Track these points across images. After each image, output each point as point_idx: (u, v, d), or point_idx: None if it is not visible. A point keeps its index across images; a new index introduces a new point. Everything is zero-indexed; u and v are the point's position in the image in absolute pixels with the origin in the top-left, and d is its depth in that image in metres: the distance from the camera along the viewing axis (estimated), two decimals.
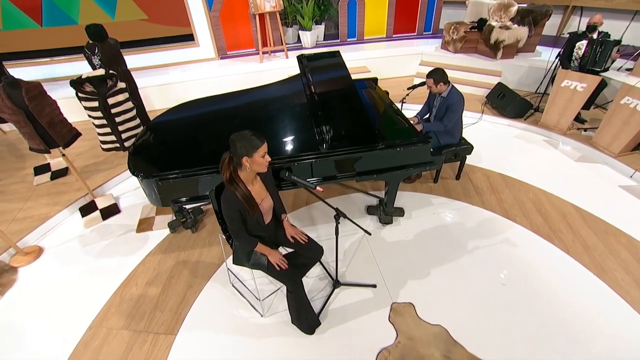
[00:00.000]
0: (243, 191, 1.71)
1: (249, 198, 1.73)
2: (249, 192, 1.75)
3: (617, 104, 3.55)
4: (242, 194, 1.70)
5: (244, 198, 1.70)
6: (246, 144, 1.61)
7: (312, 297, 2.48)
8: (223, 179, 1.72)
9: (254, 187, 1.80)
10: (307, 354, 2.14)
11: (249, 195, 1.74)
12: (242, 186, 1.71)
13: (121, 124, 2.75)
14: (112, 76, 2.64)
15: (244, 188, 1.72)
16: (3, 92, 2.55)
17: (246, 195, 1.71)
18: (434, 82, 2.99)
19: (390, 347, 2.15)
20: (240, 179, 1.72)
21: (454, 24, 5.33)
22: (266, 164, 1.69)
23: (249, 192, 1.75)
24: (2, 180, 3.75)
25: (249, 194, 1.74)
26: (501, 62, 5.12)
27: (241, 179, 1.72)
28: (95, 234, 3.11)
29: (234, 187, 1.70)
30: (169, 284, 2.62)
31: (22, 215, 3.26)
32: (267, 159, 1.67)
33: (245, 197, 1.71)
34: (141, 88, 4.76)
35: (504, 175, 3.57)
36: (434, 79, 2.99)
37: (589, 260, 2.63)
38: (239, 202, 1.70)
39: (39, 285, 2.70)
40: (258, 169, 1.69)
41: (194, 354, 2.18)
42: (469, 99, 4.96)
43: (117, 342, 2.26)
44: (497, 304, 2.37)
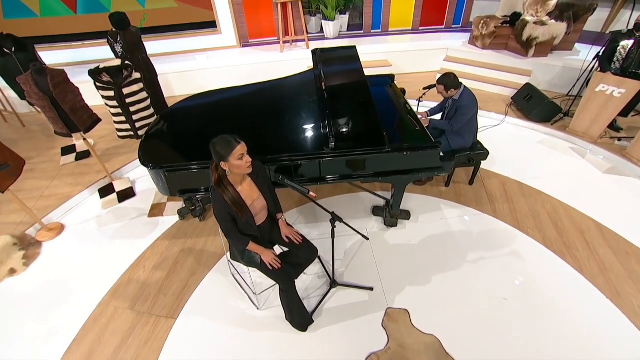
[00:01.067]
0: (231, 194, 1.72)
1: (237, 201, 1.74)
2: (238, 195, 1.76)
3: None
4: (229, 197, 1.72)
5: (232, 201, 1.72)
6: (221, 149, 1.60)
7: (308, 295, 2.52)
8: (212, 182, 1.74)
9: (243, 188, 1.81)
10: (297, 351, 2.19)
11: (237, 198, 1.75)
12: (230, 189, 1.73)
13: (135, 113, 2.85)
14: (127, 67, 2.72)
15: (232, 191, 1.74)
16: (31, 79, 2.69)
17: (234, 199, 1.73)
18: (445, 88, 2.87)
19: (380, 352, 2.16)
20: (229, 182, 1.73)
21: (484, 17, 5.03)
22: (247, 166, 1.66)
23: (238, 195, 1.76)
24: (34, 159, 4.01)
25: (237, 197, 1.75)
26: (532, 60, 4.79)
27: (230, 182, 1.74)
28: (111, 216, 3.29)
29: (221, 190, 1.72)
30: (174, 269, 2.74)
31: (48, 193, 3.49)
32: (246, 161, 1.65)
33: (233, 200, 1.73)
34: (162, 74, 4.89)
35: (522, 183, 3.40)
36: (445, 85, 2.87)
37: (603, 281, 2.48)
38: (226, 204, 1.73)
39: (59, 260, 2.90)
40: (239, 172, 1.69)
41: (191, 339, 2.28)
42: (493, 99, 4.76)
43: (122, 321, 2.40)
44: (496, 319, 2.30)
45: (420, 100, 3.34)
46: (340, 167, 2.47)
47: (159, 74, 4.48)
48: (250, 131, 2.69)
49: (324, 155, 2.37)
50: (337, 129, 2.42)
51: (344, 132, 2.41)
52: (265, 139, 2.62)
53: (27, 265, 2.87)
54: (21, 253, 2.92)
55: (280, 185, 2.01)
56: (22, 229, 3.09)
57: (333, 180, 2.53)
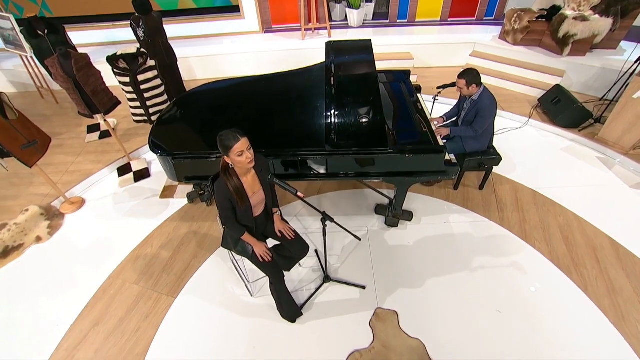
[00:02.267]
0: (235, 183, 1.78)
1: (239, 190, 1.80)
2: (241, 184, 1.82)
3: None
4: (233, 185, 1.78)
5: (235, 189, 1.78)
6: (222, 144, 1.64)
7: (301, 287, 2.59)
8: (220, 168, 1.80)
9: (247, 179, 1.86)
10: (283, 340, 2.28)
11: (240, 187, 1.81)
12: (235, 178, 1.79)
13: (149, 100, 2.97)
14: (143, 54, 2.82)
15: (237, 180, 1.80)
16: (57, 62, 2.86)
17: (237, 187, 1.79)
18: (467, 83, 2.73)
19: (363, 351, 2.20)
20: (235, 171, 1.79)
21: (518, 11, 4.69)
22: (247, 162, 1.69)
23: (241, 184, 1.82)
24: (63, 135, 4.30)
25: (240, 186, 1.81)
26: (567, 59, 4.44)
27: (235, 172, 1.79)
28: (126, 194, 3.49)
29: (227, 178, 1.78)
30: (179, 250, 2.90)
31: (73, 168, 3.74)
32: (246, 157, 1.68)
33: (236, 189, 1.79)
34: (184, 58, 5.02)
35: (536, 192, 3.24)
36: (467, 79, 2.73)
37: (609, 304, 2.36)
38: (229, 192, 1.79)
39: (78, 232, 3.14)
40: (242, 166, 1.74)
41: (187, 318, 2.43)
42: (518, 99, 4.50)
43: (128, 294, 2.59)
44: (487, 331, 2.27)
45: (436, 99, 3.23)
46: (341, 165, 2.46)
47: (181, 58, 4.59)
48: (255, 123, 2.74)
49: (325, 153, 2.37)
50: (340, 127, 2.40)
51: (347, 130, 2.39)
52: (269, 132, 2.65)
53: (51, 235, 3.13)
54: (46, 223, 3.18)
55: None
56: (49, 200, 3.35)
57: (333, 178, 2.53)
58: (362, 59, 2.94)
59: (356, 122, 2.46)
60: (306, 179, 2.56)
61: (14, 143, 2.72)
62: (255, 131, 2.69)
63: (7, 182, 3.59)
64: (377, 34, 5.51)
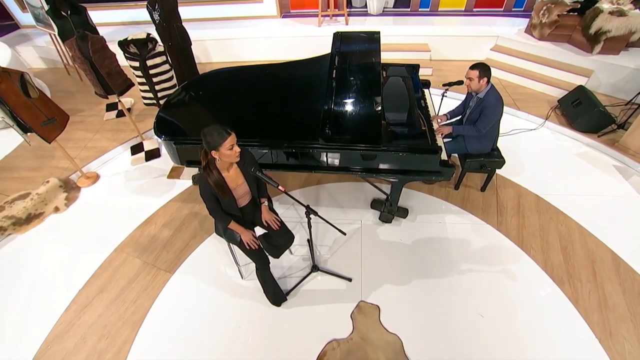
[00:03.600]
0: (215, 178, 1.86)
1: (220, 184, 1.89)
2: (222, 179, 1.90)
3: None
4: (213, 180, 1.86)
5: (215, 184, 1.87)
6: (212, 140, 1.71)
7: (290, 274, 2.69)
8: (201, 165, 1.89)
9: (229, 174, 1.94)
10: (267, 322, 2.40)
11: (221, 182, 1.89)
12: (215, 173, 1.87)
13: (157, 84, 3.08)
14: (152, 40, 2.91)
15: (217, 175, 1.88)
16: (75, 44, 3.01)
17: (218, 182, 1.87)
18: (480, 75, 2.57)
19: (341, 340, 2.29)
20: (216, 167, 1.87)
21: (548, 3, 4.38)
22: (235, 155, 1.78)
23: (222, 179, 1.90)
24: (84, 112, 4.54)
25: (221, 181, 1.89)
26: (597, 58, 4.14)
27: (216, 167, 1.87)
28: (137, 172, 3.68)
29: (207, 174, 1.86)
30: (179, 229, 3.06)
31: (90, 144, 3.98)
32: (235, 151, 1.76)
33: (217, 184, 1.87)
34: (201, 40, 5.11)
35: (541, 198, 3.13)
36: (480, 71, 2.57)
37: (598, 319, 2.31)
38: (210, 186, 1.88)
39: (91, 206, 3.37)
40: (228, 160, 1.81)
41: (181, 294, 2.60)
42: (537, 99, 4.29)
43: (130, 267, 2.79)
44: (466, 333, 2.28)
45: (445, 95, 3.14)
46: (335, 159, 2.49)
47: (198, 40, 4.67)
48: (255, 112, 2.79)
49: (318, 146, 2.40)
50: (336, 121, 2.41)
51: (342, 125, 2.40)
52: (267, 122, 2.71)
53: (68, 206, 3.38)
54: (64, 195, 3.43)
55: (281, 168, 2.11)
56: (67, 174, 3.60)
57: (327, 171, 2.57)
58: (367, 52, 2.90)
59: (352, 117, 2.46)
60: (301, 171, 2.61)
61: (35, 120, 2.92)
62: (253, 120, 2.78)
63: (32, 155, 3.87)
64: (396, 23, 5.34)
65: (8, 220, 3.13)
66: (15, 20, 6.20)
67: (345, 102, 2.54)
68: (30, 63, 5.70)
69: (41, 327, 2.46)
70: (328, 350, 2.25)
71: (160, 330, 2.41)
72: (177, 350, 2.30)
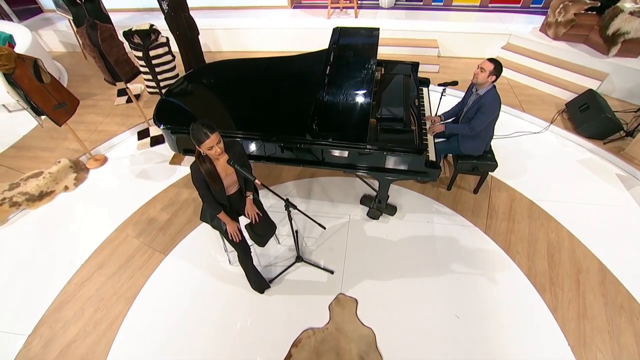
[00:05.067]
0: (207, 167, 1.96)
1: (211, 173, 1.98)
2: (214, 168, 2.00)
3: None
4: (205, 169, 1.96)
5: (207, 173, 1.97)
6: (195, 136, 1.80)
7: (275, 263, 2.80)
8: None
9: (219, 163, 2.03)
10: (249, 307, 2.53)
11: (212, 171, 1.99)
12: (207, 162, 1.97)
13: (160, 74, 3.20)
14: (155, 31, 3.01)
15: (209, 164, 1.97)
16: (85, 32, 3.15)
17: (209, 171, 1.97)
18: (494, 70, 2.52)
19: (317, 329, 2.38)
20: (208, 157, 1.96)
21: (565, 0, 4.19)
22: (216, 154, 1.86)
23: (214, 168, 2.00)
24: (97, 96, 4.74)
25: (212, 170, 1.99)
26: (613, 61, 3.96)
27: (208, 157, 1.97)
28: (141, 157, 3.85)
29: (200, 162, 1.96)
30: (176, 214, 3.21)
31: (100, 128, 4.18)
32: (215, 150, 1.83)
33: (208, 172, 1.97)
34: (211, 29, 5.18)
35: (535, 203, 3.09)
36: (495, 66, 2.52)
37: (574, 328, 2.31)
38: (202, 174, 1.98)
39: (98, 187, 3.57)
40: (210, 156, 1.90)
41: (172, 275, 2.76)
42: (544, 101, 4.17)
43: (128, 247, 2.97)
44: (439, 332, 2.33)
45: (444, 95, 3.11)
46: (322, 154, 2.54)
47: (208, 29, 4.75)
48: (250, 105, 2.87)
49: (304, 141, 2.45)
50: (324, 118, 2.45)
51: (330, 121, 2.44)
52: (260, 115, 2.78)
53: (77, 186, 3.60)
54: (74, 175, 3.65)
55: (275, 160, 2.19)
56: (77, 155, 3.81)
57: (314, 165, 2.62)
58: (364, 50, 2.90)
59: (340, 114, 2.50)
60: (289, 164, 2.68)
61: (47, 103, 3.10)
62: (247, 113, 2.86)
63: (47, 136, 4.11)
64: (408, 17, 5.24)
65: (22, 196, 3.37)
66: (39, 4, 6.46)
67: (335, 99, 2.57)
68: (51, 46, 5.96)
69: (46, 296, 2.68)
70: (303, 337, 2.36)
71: (150, 306, 2.58)
72: (164, 326, 2.46)
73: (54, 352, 2.38)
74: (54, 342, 2.43)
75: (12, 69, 2.81)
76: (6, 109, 4.55)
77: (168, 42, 3.13)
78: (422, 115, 2.99)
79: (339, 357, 2.26)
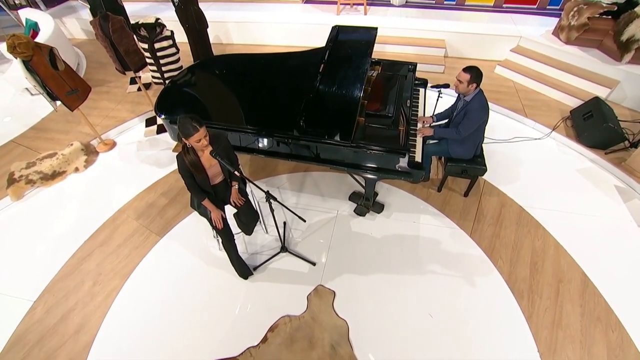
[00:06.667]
0: (191, 157, 2.08)
1: (194, 163, 2.10)
2: (198, 159, 2.12)
3: None
4: (189, 159, 2.08)
5: (190, 163, 2.09)
6: (183, 129, 1.91)
7: (262, 251, 2.92)
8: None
9: (204, 154, 2.15)
10: (232, 291, 2.67)
11: (196, 161, 2.11)
12: (191, 153, 2.09)
13: (164, 65, 3.35)
14: (160, 25, 3.15)
15: (193, 155, 2.09)
16: (98, 23, 3.33)
17: (192, 161, 2.09)
18: (470, 79, 2.54)
19: (294, 317, 2.50)
20: (192, 148, 2.09)
21: (581, 3, 4.04)
22: (201, 147, 1.99)
23: (198, 159, 2.12)
24: (112, 83, 4.98)
25: (196, 161, 2.11)
26: (626, 68, 3.81)
27: (193, 148, 2.09)
28: (147, 143, 4.05)
29: (184, 153, 2.09)
30: (174, 199, 3.38)
31: (112, 114, 4.40)
32: (202, 143, 1.95)
33: (191, 163, 2.09)
34: (222, 22, 5.31)
35: (525, 210, 3.07)
36: (471, 75, 2.53)
37: (546, 335, 2.32)
38: (186, 164, 2.11)
39: (106, 169, 3.79)
40: (196, 148, 2.02)
41: (165, 256, 2.93)
42: (549, 107, 4.09)
43: (127, 227, 3.17)
44: (410, 329, 2.40)
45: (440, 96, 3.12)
46: (308, 150, 2.62)
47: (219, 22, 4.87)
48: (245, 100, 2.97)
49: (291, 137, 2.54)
50: (312, 114, 2.53)
51: (317, 118, 2.52)
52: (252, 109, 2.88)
53: (86, 168, 3.83)
54: (84, 157, 3.88)
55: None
56: (89, 139, 4.05)
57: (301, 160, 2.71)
58: (359, 49, 2.94)
59: (328, 112, 2.58)
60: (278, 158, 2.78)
61: (60, 89, 3.31)
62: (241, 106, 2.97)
63: (63, 119, 4.37)
64: (418, 16, 5.19)
65: (37, 175, 3.63)
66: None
67: (325, 96, 2.64)
68: (73, 33, 6.25)
69: (52, 267, 2.91)
70: (280, 323, 2.48)
71: (143, 283, 2.77)
72: (153, 302, 2.64)
73: (55, 318, 2.60)
74: (55, 309, 2.66)
75: (30, 57, 3.02)
76: (29, 92, 4.85)
77: (173, 35, 3.28)
78: (415, 115, 3.03)
79: (312, 344, 2.37)
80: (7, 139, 4.16)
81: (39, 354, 2.41)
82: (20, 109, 4.68)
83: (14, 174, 3.64)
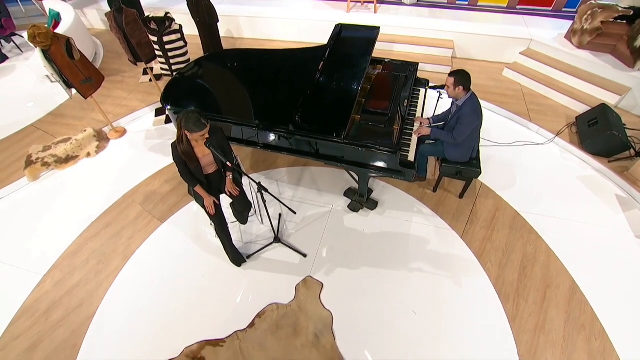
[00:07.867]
0: (184, 147, 2.19)
1: (187, 153, 2.21)
2: (191, 149, 2.23)
3: None
4: (182, 149, 2.19)
5: (183, 152, 2.20)
6: (189, 125, 2.03)
7: (256, 241, 3.03)
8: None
9: (198, 144, 2.26)
10: (226, 277, 2.78)
11: (189, 151, 2.22)
12: (185, 143, 2.20)
13: (172, 58, 3.47)
14: (169, 19, 3.27)
15: (187, 145, 2.20)
16: (112, 16, 3.48)
17: (185, 151, 2.20)
18: (454, 82, 2.57)
19: (281, 305, 2.60)
20: (187, 139, 2.19)
21: (595, 6, 3.94)
22: (203, 140, 2.12)
23: (191, 149, 2.23)
24: (126, 73, 5.17)
25: (189, 150, 2.22)
26: (639, 75, 3.71)
27: (188, 139, 2.20)
28: (156, 132, 4.21)
29: (179, 143, 2.20)
30: (177, 187, 3.53)
31: (124, 103, 4.59)
32: (204, 138, 2.09)
33: (185, 152, 2.21)
34: (234, 16, 5.41)
35: (520, 215, 3.07)
36: (455, 78, 2.56)
37: (528, 339, 2.34)
38: (179, 153, 2.22)
39: (116, 156, 3.98)
40: (195, 140, 2.13)
41: (164, 240, 3.08)
42: (555, 112, 4.03)
43: (132, 211, 3.33)
44: (393, 325, 2.45)
45: (441, 97, 3.14)
46: (302, 145, 2.70)
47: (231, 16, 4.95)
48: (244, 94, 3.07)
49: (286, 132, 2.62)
50: (307, 111, 2.60)
51: (312, 115, 2.59)
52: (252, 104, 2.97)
53: (98, 153, 4.03)
54: (96, 143, 4.08)
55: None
56: (101, 126, 4.24)
57: (296, 154, 2.79)
58: (360, 48, 2.98)
59: (323, 109, 2.64)
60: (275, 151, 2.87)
61: (75, 78, 3.49)
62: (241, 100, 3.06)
63: (78, 106, 4.59)
64: (430, 15, 5.16)
65: (52, 158, 3.84)
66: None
67: (322, 93, 2.70)
68: (93, 24, 6.50)
69: (61, 245, 3.10)
70: (268, 310, 2.58)
71: (142, 265, 2.92)
72: (151, 283, 2.79)
73: (61, 292, 2.79)
74: (62, 283, 2.84)
75: (48, 46, 3.20)
76: (49, 79, 5.09)
77: (181, 29, 3.40)
78: (413, 115, 3.05)
79: (296, 332, 2.46)
80: (28, 123, 4.41)
81: (45, 323, 2.60)
82: (41, 95, 4.94)
83: (32, 156, 3.87)
